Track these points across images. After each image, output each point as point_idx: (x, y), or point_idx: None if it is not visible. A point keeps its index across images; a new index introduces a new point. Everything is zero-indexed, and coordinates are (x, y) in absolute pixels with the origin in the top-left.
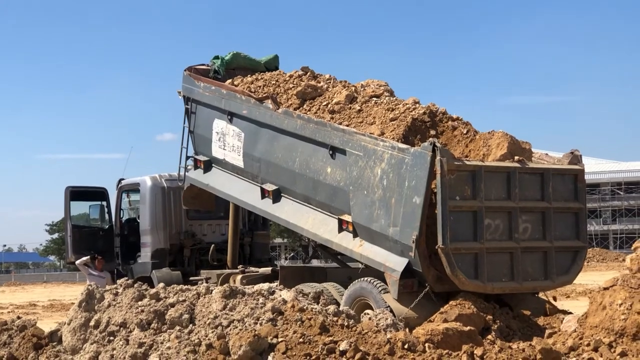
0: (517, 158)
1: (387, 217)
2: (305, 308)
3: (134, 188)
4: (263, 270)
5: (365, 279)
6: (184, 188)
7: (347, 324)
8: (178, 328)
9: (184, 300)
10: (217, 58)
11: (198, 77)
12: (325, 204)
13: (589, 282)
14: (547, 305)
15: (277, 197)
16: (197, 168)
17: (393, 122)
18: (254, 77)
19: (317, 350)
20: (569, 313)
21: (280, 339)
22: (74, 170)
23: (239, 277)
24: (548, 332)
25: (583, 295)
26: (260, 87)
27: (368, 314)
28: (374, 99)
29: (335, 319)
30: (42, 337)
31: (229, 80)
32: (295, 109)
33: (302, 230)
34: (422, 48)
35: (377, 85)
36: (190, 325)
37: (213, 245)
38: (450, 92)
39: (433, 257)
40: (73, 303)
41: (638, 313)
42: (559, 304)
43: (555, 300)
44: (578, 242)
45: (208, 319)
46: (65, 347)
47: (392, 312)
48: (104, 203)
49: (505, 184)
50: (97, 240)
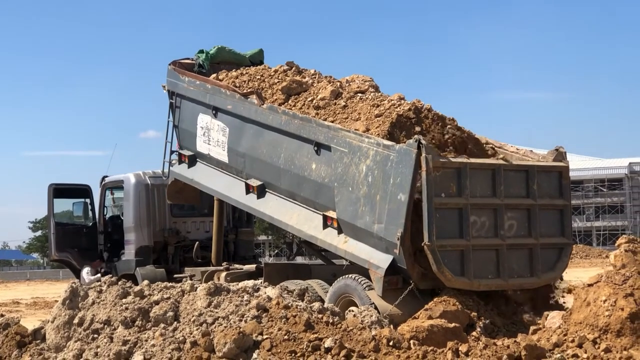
0: (501, 156)
1: (371, 214)
2: (290, 305)
3: (118, 185)
4: (247, 268)
5: (350, 276)
6: (168, 182)
7: (332, 321)
8: (162, 325)
9: (169, 298)
10: (201, 52)
11: (182, 71)
12: (310, 200)
13: (573, 278)
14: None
15: (261, 192)
16: (181, 163)
17: (378, 118)
18: (239, 71)
19: (302, 348)
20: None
21: (265, 336)
22: (57, 168)
23: (224, 274)
24: (532, 328)
25: (567, 293)
26: (245, 81)
27: (353, 311)
28: (359, 95)
29: (320, 316)
30: (25, 335)
31: (214, 75)
32: (280, 105)
33: (286, 226)
34: (406, 43)
35: (362, 81)
36: (175, 323)
37: (197, 243)
38: (435, 88)
39: (418, 254)
40: (57, 301)
41: (622, 309)
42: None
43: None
44: (563, 238)
45: (193, 317)
46: (49, 345)
47: (376, 309)
48: (88, 200)
49: (491, 181)
50: (80, 238)
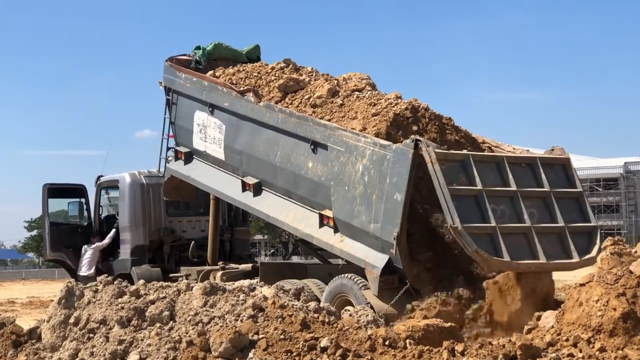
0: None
1: (368, 213)
2: (286, 305)
3: (113, 185)
4: (243, 267)
5: (346, 276)
6: (165, 179)
7: (328, 321)
8: (158, 325)
9: (164, 297)
10: (198, 48)
11: (179, 67)
12: (307, 199)
13: (569, 278)
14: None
15: (258, 190)
16: (177, 159)
17: (375, 117)
18: (236, 68)
19: (298, 347)
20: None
21: (261, 336)
22: (53, 167)
23: (219, 273)
24: (527, 328)
25: (562, 291)
26: (242, 79)
27: (349, 311)
28: (356, 93)
29: (316, 316)
30: (21, 334)
31: (211, 72)
32: (277, 102)
33: (282, 225)
34: (403, 40)
35: (359, 79)
36: (171, 322)
37: (193, 242)
38: (432, 86)
39: (414, 254)
40: (52, 300)
41: (614, 309)
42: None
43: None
44: (589, 223)
45: (188, 316)
46: (45, 344)
47: (372, 308)
48: (83, 200)
49: (497, 173)
50: (75, 238)
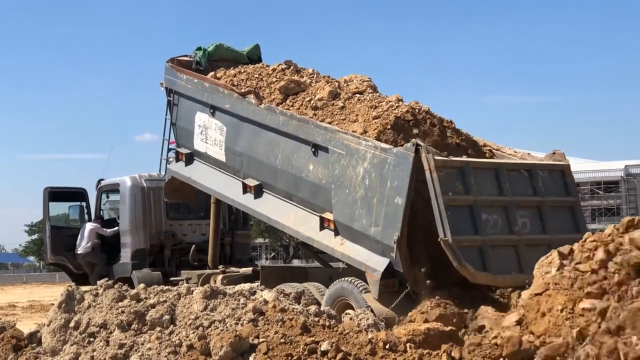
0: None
1: (368, 216)
2: (287, 308)
3: (114, 188)
4: (244, 271)
5: (346, 279)
6: (165, 180)
7: (328, 324)
8: (159, 329)
9: (165, 301)
10: (199, 49)
11: (180, 69)
12: (307, 201)
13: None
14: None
15: (259, 192)
16: (178, 160)
17: (376, 120)
18: (237, 70)
19: (298, 351)
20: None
21: (262, 340)
22: (54, 170)
23: (220, 277)
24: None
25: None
26: (243, 80)
27: (349, 314)
28: (357, 96)
29: (317, 319)
30: (21, 338)
31: (212, 73)
32: (278, 104)
33: (283, 227)
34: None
35: (360, 81)
36: (171, 326)
37: (194, 246)
38: (433, 88)
39: (415, 257)
40: (53, 304)
41: (581, 315)
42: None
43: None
44: (580, 235)
45: (189, 320)
46: (45, 348)
47: (372, 312)
48: (84, 204)
49: (495, 180)
50: (76, 241)
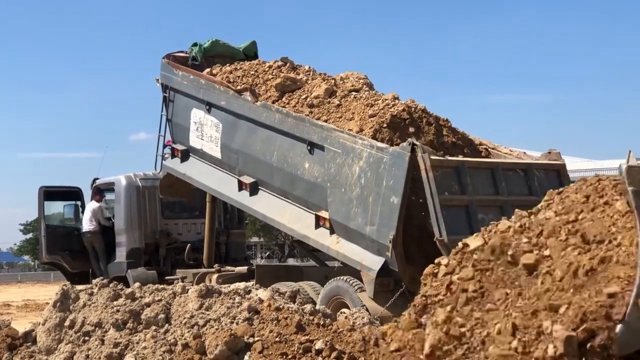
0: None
1: (364, 215)
2: (282, 307)
3: (109, 187)
4: (239, 269)
5: (342, 278)
6: (161, 176)
7: (323, 323)
8: (154, 328)
9: (160, 300)
10: (195, 45)
11: (176, 65)
12: (303, 199)
13: None
14: None
15: (254, 190)
16: (174, 157)
17: (372, 118)
18: (233, 66)
19: (293, 350)
20: None
21: (257, 338)
22: (48, 169)
23: (215, 276)
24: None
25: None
26: (239, 77)
27: (344, 313)
28: (353, 94)
29: (312, 318)
30: (16, 337)
31: (208, 69)
32: (274, 102)
33: (278, 225)
34: (401, 42)
35: (356, 79)
36: (166, 325)
37: (189, 245)
38: (429, 87)
39: (410, 256)
40: (47, 303)
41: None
42: None
43: None
44: None
45: (184, 319)
46: (40, 347)
47: (367, 311)
48: (79, 203)
49: (491, 179)
50: (71, 240)
